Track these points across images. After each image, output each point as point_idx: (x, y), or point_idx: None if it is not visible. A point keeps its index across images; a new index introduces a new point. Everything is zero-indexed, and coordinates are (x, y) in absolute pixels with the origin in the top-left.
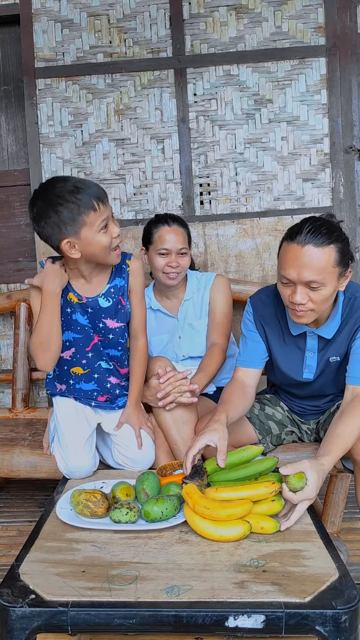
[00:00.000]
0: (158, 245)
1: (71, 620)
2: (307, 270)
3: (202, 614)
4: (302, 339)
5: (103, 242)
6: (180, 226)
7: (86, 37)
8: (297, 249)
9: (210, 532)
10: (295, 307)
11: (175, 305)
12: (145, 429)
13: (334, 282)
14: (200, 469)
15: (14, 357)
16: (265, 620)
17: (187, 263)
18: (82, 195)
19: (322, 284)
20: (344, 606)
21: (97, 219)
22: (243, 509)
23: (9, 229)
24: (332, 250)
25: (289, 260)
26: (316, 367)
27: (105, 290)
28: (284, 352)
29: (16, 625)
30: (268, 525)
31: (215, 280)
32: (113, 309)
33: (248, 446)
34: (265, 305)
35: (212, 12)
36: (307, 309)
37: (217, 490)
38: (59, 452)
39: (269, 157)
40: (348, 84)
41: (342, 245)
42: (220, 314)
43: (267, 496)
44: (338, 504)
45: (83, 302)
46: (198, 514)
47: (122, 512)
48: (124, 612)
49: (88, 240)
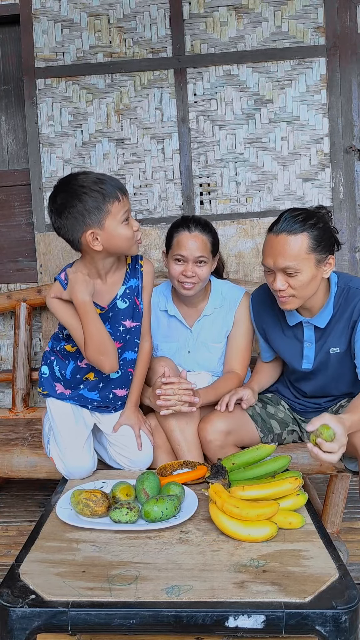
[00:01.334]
0: (175, 250)
1: (71, 621)
2: (280, 257)
3: (202, 614)
4: (299, 330)
5: (126, 233)
6: (203, 232)
7: (86, 37)
8: (273, 238)
9: (238, 532)
10: (277, 293)
11: (193, 316)
12: (144, 429)
13: (311, 268)
14: (221, 469)
15: (14, 357)
16: (266, 620)
17: (206, 274)
18: (106, 186)
19: (297, 270)
20: (344, 606)
21: (120, 210)
22: (271, 510)
23: (9, 229)
24: (304, 237)
25: (266, 249)
26: (314, 358)
27: (122, 291)
28: (285, 343)
29: (16, 625)
30: (295, 521)
31: (242, 301)
32: (130, 310)
33: (260, 445)
34: (262, 301)
35: (212, 12)
36: (289, 295)
37: (243, 489)
38: (56, 454)
39: (269, 157)
40: (348, 84)
41: (317, 232)
42: (243, 340)
43: (292, 492)
44: (338, 504)
45: (104, 310)
46: (227, 513)
47: (122, 512)
48: (124, 612)
49: (111, 231)
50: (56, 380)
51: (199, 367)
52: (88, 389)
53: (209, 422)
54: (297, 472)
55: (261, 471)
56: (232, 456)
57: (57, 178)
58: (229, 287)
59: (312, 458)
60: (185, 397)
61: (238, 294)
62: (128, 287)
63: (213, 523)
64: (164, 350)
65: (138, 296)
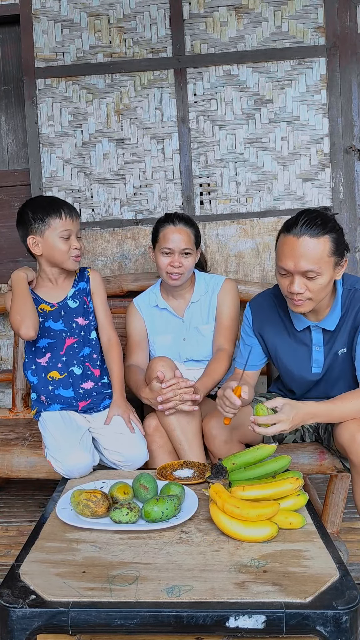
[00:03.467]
0: (162, 244)
1: (72, 621)
2: (303, 260)
3: (203, 614)
4: (307, 334)
5: (61, 247)
6: (187, 226)
7: (86, 37)
8: (294, 240)
9: (239, 532)
10: (294, 296)
11: (182, 306)
12: (133, 418)
13: (330, 271)
14: (222, 469)
15: (14, 357)
16: (266, 620)
17: (191, 264)
18: (54, 205)
19: (318, 273)
20: (344, 606)
21: (61, 226)
22: (272, 510)
23: (9, 229)
24: (327, 240)
25: (285, 252)
26: (324, 361)
27: (72, 293)
28: (291, 349)
29: (16, 625)
30: (296, 521)
31: (223, 285)
32: (81, 308)
33: (261, 445)
34: (264, 308)
35: (212, 12)
36: (305, 298)
37: (244, 489)
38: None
39: (269, 157)
40: (348, 84)
41: (336, 235)
42: (227, 319)
43: (293, 492)
44: (338, 504)
45: (55, 307)
46: (227, 513)
47: (123, 512)
48: (124, 612)
49: (49, 241)
50: (39, 395)
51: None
52: (62, 388)
53: (215, 417)
54: (298, 472)
55: (262, 471)
56: (232, 456)
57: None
58: (210, 276)
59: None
60: (186, 396)
61: (219, 280)
62: (77, 290)
63: (213, 523)
64: (160, 343)
65: (87, 296)
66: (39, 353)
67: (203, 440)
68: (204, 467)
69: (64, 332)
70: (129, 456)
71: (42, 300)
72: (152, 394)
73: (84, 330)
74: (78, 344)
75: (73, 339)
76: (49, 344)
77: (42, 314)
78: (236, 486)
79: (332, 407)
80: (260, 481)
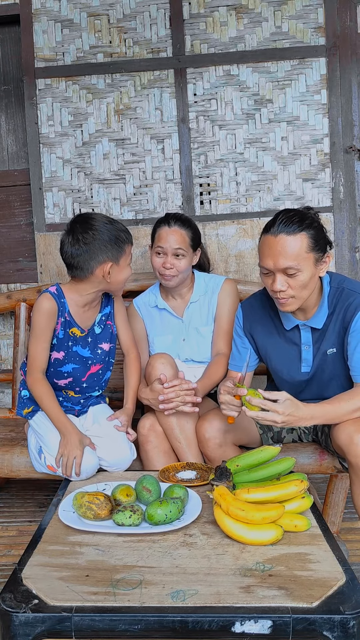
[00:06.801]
0: (156, 244)
1: (75, 626)
2: (282, 258)
3: (209, 619)
4: (296, 333)
5: (128, 275)
6: (182, 227)
7: (86, 37)
8: (272, 239)
9: (244, 535)
10: (277, 295)
11: (181, 306)
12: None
13: (311, 268)
14: (226, 471)
15: (14, 357)
16: (273, 625)
17: (185, 266)
18: (125, 231)
19: (298, 270)
20: (352, 611)
21: (130, 253)
22: (277, 512)
23: (9, 229)
24: (304, 237)
25: (265, 251)
26: (312, 360)
27: (99, 318)
28: (281, 349)
29: (19, 631)
30: (301, 523)
31: (223, 286)
32: (105, 333)
33: (265, 447)
34: (254, 308)
35: (212, 12)
36: (289, 296)
37: (249, 491)
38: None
39: (269, 157)
40: (348, 84)
41: (314, 231)
42: (227, 323)
43: (297, 494)
44: (338, 504)
45: (85, 333)
46: (232, 515)
47: (126, 514)
48: (128, 617)
49: (121, 269)
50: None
51: (195, 355)
52: (72, 403)
53: (207, 420)
54: (303, 474)
55: (266, 473)
56: (236, 458)
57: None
58: (210, 276)
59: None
60: (188, 397)
61: (219, 280)
62: (104, 314)
63: (217, 526)
64: (160, 344)
65: (111, 319)
66: (59, 375)
67: None
68: (206, 469)
69: (90, 359)
70: (112, 461)
71: (75, 324)
72: (152, 394)
73: (109, 355)
74: (102, 369)
75: (98, 365)
76: (73, 369)
77: (72, 337)
78: (240, 488)
79: (328, 408)
80: (264, 483)
